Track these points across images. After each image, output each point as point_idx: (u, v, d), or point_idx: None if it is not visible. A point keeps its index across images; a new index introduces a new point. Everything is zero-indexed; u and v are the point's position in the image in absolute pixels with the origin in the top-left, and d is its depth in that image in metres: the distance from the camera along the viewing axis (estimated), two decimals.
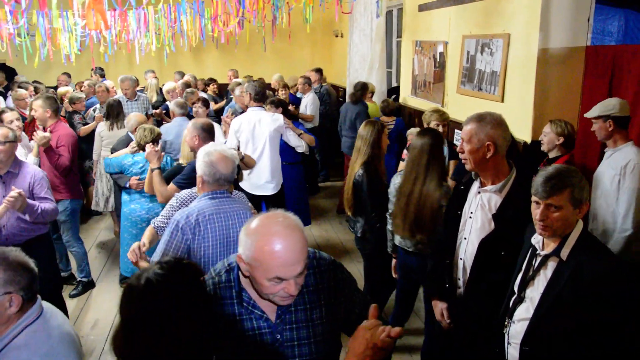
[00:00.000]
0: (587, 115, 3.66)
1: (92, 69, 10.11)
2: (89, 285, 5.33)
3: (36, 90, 8.10)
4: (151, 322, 1.50)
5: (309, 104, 8.20)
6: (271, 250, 1.62)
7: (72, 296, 5.14)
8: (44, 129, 5.01)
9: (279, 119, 5.28)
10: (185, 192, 3.26)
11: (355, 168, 3.96)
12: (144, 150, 4.57)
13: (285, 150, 5.68)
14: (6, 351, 1.94)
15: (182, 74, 9.91)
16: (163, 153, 4.51)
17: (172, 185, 3.76)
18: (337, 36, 11.57)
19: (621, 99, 3.63)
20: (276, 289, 1.66)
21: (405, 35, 7.53)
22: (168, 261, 1.64)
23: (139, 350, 1.51)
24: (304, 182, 6.37)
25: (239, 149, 4.95)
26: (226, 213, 2.83)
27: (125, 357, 1.55)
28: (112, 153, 5.22)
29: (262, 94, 5.37)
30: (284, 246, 1.62)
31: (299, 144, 5.40)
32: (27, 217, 3.65)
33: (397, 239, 3.74)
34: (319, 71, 9.36)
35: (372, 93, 7.81)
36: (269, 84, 8.44)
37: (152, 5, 6.86)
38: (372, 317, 1.62)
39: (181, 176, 3.81)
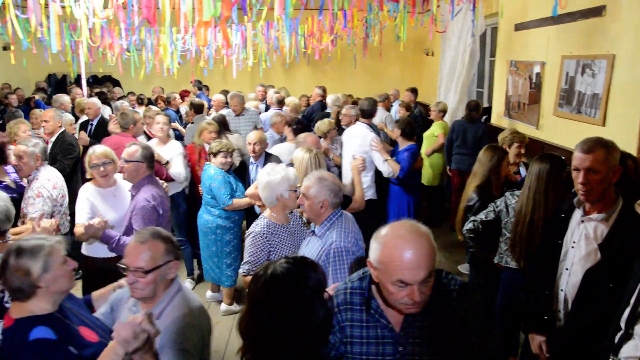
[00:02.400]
0: None
1: (191, 82, 10.69)
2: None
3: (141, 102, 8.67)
4: (272, 308, 1.69)
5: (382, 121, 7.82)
6: (395, 252, 1.65)
7: None
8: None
9: (367, 137, 5.33)
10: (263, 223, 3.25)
11: (469, 191, 3.97)
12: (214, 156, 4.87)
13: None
14: (170, 308, 2.24)
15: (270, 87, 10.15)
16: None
17: None
18: (427, 54, 11.49)
19: None
20: (400, 294, 1.68)
21: (500, 54, 7.37)
22: (295, 257, 1.81)
23: (261, 332, 1.69)
24: (405, 206, 5.80)
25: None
26: (356, 226, 2.97)
27: (248, 337, 1.74)
28: None
29: (368, 112, 5.57)
30: (408, 249, 1.64)
31: (383, 168, 5.39)
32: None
33: (514, 263, 3.53)
34: (413, 91, 9.04)
35: (445, 112, 7.56)
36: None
37: (252, 22, 7.13)
38: None
39: None
